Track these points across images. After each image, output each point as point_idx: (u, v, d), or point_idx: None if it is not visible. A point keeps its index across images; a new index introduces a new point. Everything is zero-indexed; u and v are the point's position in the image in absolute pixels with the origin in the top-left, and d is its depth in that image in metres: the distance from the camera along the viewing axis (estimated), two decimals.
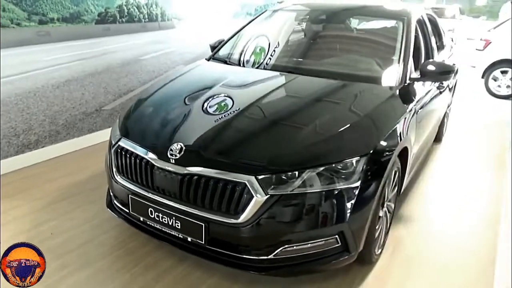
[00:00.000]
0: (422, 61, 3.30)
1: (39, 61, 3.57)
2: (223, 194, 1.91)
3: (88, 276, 2.26)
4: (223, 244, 2.00)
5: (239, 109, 2.29)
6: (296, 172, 1.90)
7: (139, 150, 2.16)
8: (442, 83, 3.43)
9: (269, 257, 1.96)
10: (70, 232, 2.67)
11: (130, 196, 2.20)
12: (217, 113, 2.30)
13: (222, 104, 2.40)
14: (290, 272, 2.06)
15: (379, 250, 2.45)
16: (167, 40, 4.84)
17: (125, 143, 2.26)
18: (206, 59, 3.26)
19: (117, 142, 2.31)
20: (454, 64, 2.84)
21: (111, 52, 4.17)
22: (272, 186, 1.88)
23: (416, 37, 3.48)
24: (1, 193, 3.09)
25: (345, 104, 2.35)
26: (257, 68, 2.95)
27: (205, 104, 2.39)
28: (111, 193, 2.47)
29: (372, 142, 2.08)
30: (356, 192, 1.96)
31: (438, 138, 4.54)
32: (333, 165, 1.94)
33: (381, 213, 2.31)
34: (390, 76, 2.66)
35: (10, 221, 2.75)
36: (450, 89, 4.20)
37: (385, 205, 2.36)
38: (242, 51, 3.18)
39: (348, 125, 2.13)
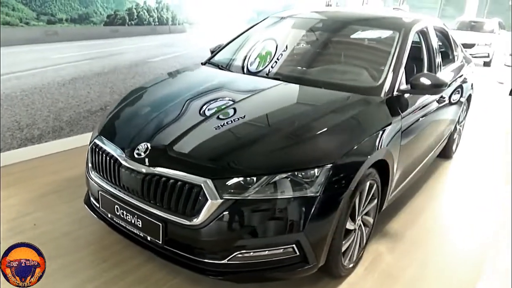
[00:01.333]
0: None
1: (46, 58, 3.71)
2: (180, 195, 1.91)
3: (58, 267, 2.31)
4: (180, 246, 1.99)
5: (209, 113, 2.30)
6: (254, 178, 1.88)
7: (110, 148, 2.20)
8: (443, 98, 3.30)
9: (224, 261, 1.93)
10: (52, 224, 2.75)
11: (100, 192, 2.25)
12: (188, 116, 2.31)
13: (195, 108, 2.41)
14: (246, 278, 2.03)
15: (351, 264, 2.38)
16: (177, 43, 4.92)
17: (99, 141, 2.31)
18: (202, 63, 3.30)
19: (93, 140, 2.37)
20: (464, 77, 2.62)
21: (119, 53, 4.29)
22: (228, 190, 1.87)
23: (416, 48, 3.39)
24: (1, 184, 3.22)
25: (320, 113, 2.30)
26: (245, 74, 2.95)
27: (180, 107, 2.42)
28: (88, 190, 2.53)
29: (337, 152, 2.03)
30: (316, 202, 1.91)
31: (446, 155, 4.39)
32: (293, 173, 1.91)
33: (351, 226, 2.24)
34: (377, 87, 2.59)
35: None
36: (459, 104, 4.04)
37: (357, 218, 2.29)
38: (234, 57, 3.19)
39: (315, 133, 2.09)
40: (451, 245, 2.84)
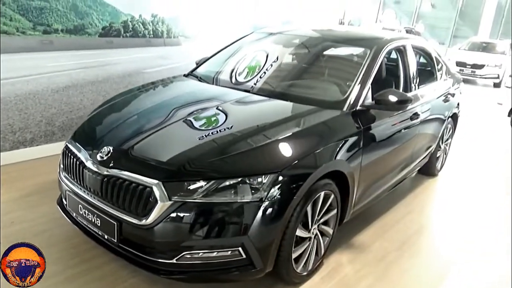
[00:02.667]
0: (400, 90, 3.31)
1: (41, 66, 3.91)
2: (134, 196, 2.03)
3: None
4: (133, 245, 2.10)
5: (172, 120, 2.43)
6: (202, 182, 1.99)
7: (78, 151, 2.35)
8: (417, 114, 3.37)
9: (172, 261, 2.03)
10: (29, 223, 2.89)
11: (67, 192, 2.39)
12: (152, 122, 2.44)
13: (160, 114, 2.54)
14: (195, 278, 2.13)
15: (305, 272, 2.44)
16: (172, 56, 5.10)
17: (71, 144, 2.46)
18: (184, 74, 3.45)
19: (66, 143, 2.52)
20: (447, 96, 2.61)
21: (113, 64, 4.47)
22: (178, 193, 1.98)
23: (395, 66, 3.49)
24: None
25: (276, 123, 2.40)
26: (218, 85, 3.08)
27: (147, 114, 2.57)
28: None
29: (286, 161, 2.13)
30: (261, 208, 2.00)
31: (430, 173, 4.43)
32: (242, 179, 2.01)
33: (304, 234, 2.32)
34: (340, 101, 2.69)
35: None
36: (441, 122, 4.09)
37: (312, 227, 2.37)
38: (211, 70, 3.34)
39: (266, 142, 2.19)
40: (413, 258, 2.88)
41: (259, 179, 2.03)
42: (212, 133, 2.31)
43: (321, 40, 3.37)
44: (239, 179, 2.02)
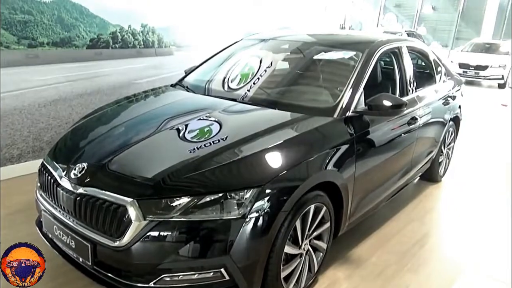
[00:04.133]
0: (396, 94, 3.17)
1: (27, 80, 3.82)
2: (108, 215, 1.90)
3: (3, 284, 2.31)
4: (108, 268, 1.96)
5: (148, 133, 2.29)
6: (180, 198, 1.86)
7: (53, 168, 2.23)
8: (415, 119, 3.22)
9: (150, 284, 1.89)
10: (10, 242, 2.76)
11: (43, 212, 2.26)
12: (129, 136, 2.31)
13: (139, 128, 2.42)
14: None
15: None
16: (164, 66, 5.00)
17: (46, 162, 2.34)
18: (171, 84, 3.33)
19: (42, 160, 2.40)
20: (447, 98, 2.46)
21: (102, 75, 4.38)
22: (153, 211, 1.85)
23: (385, 70, 3.36)
24: None
25: (261, 134, 2.25)
26: (205, 95, 2.95)
27: (126, 128, 2.44)
28: None
29: (269, 173, 1.99)
30: (243, 225, 1.86)
31: (432, 179, 4.27)
32: (220, 194, 1.88)
33: (294, 251, 2.17)
34: (330, 108, 2.55)
35: None
36: (441, 126, 3.94)
37: (303, 242, 2.22)
38: (199, 79, 3.22)
39: (248, 155, 2.06)
40: (413, 273, 2.71)
41: (242, 194, 1.89)
42: (195, 146, 2.17)
43: (312, 45, 3.24)
44: (220, 195, 1.88)
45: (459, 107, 4.43)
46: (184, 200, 1.85)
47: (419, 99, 3.39)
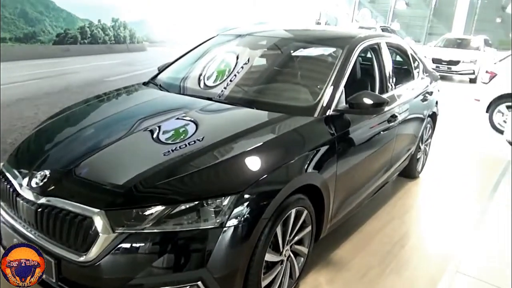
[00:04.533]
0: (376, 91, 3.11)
1: None
2: (72, 228, 1.74)
3: None
4: (74, 285, 1.81)
5: (118, 136, 2.14)
6: (152, 208, 1.72)
7: (12, 176, 2.05)
8: (395, 116, 3.17)
9: None
10: None
11: (2, 223, 2.08)
12: (97, 140, 2.15)
13: (107, 131, 2.26)
14: None
15: None
16: (137, 62, 4.81)
17: (5, 168, 2.15)
18: (143, 83, 3.16)
19: (1, 168, 2.21)
20: (426, 95, 2.42)
21: (71, 73, 4.16)
22: (123, 222, 1.71)
23: (364, 66, 3.29)
24: None
25: (238, 136, 2.12)
26: (180, 94, 2.80)
27: (94, 130, 2.28)
28: None
29: (248, 179, 1.87)
30: (221, 235, 1.74)
31: (410, 175, 4.26)
32: (196, 202, 1.75)
33: (275, 258, 2.07)
34: (310, 107, 2.46)
35: None
36: (420, 122, 3.91)
37: (284, 249, 2.12)
38: (173, 76, 3.07)
39: (224, 159, 1.94)
40: (396, 273, 2.66)
41: (219, 201, 1.77)
42: (169, 149, 2.03)
43: (291, 41, 3.13)
44: (196, 203, 1.75)
45: (436, 103, 4.43)
46: (157, 209, 1.72)
47: (399, 96, 3.34)
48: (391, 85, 3.30)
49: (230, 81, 2.80)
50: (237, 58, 3.02)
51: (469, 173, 4.80)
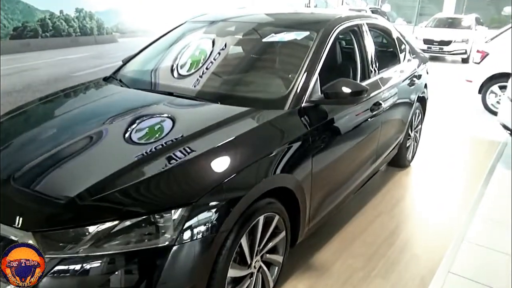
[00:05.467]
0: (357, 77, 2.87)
1: None
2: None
3: None
4: None
5: (57, 142, 1.88)
6: (89, 227, 1.48)
7: None
8: (379, 104, 2.92)
9: None
10: None
11: None
12: (40, 147, 1.88)
13: (53, 135, 2.00)
14: None
15: None
16: (107, 55, 4.52)
17: None
18: (103, 78, 2.89)
19: None
20: (413, 79, 2.16)
21: (33, 69, 3.88)
22: (56, 245, 1.46)
23: (345, 51, 3.04)
24: None
25: (196, 135, 1.88)
26: (138, 89, 2.52)
27: (39, 136, 2.02)
28: None
29: (204, 186, 1.63)
30: (172, 254, 1.51)
31: (400, 164, 4.04)
32: (141, 218, 1.51)
33: (242, 273, 1.85)
34: (280, 99, 2.21)
35: None
36: (408, 108, 3.68)
37: (253, 260, 1.89)
38: (132, 70, 2.81)
39: (178, 163, 1.69)
40: (381, 278, 2.44)
41: (168, 216, 1.53)
42: (114, 156, 1.78)
43: (262, 26, 2.85)
44: (142, 218, 1.51)
45: (425, 86, 4.19)
46: (96, 228, 1.48)
47: (383, 81, 3.10)
48: (374, 70, 3.05)
49: (194, 73, 2.54)
50: (203, 47, 2.75)
51: (462, 158, 4.57)
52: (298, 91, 2.22)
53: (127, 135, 1.92)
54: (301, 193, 2.11)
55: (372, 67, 3.03)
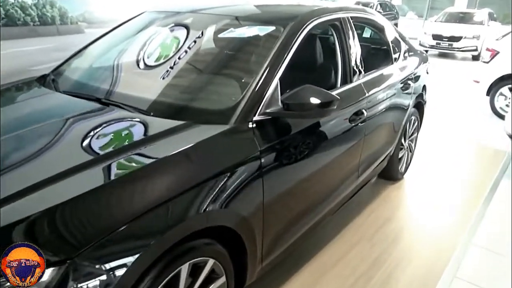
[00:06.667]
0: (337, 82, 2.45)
1: None
2: None
3: None
4: None
5: None
6: None
7: None
8: (361, 113, 2.48)
9: None
10: None
11: None
12: None
13: None
14: None
15: None
16: (72, 46, 4.04)
17: None
18: (36, 79, 2.48)
19: None
20: (408, 81, 1.78)
21: None
22: None
23: (324, 49, 2.61)
24: None
25: (97, 161, 1.44)
26: (67, 94, 2.10)
27: None
28: None
29: (89, 235, 1.21)
30: None
31: (391, 177, 3.60)
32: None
33: None
34: (225, 110, 1.77)
35: None
36: (401, 115, 3.24)
37: None
38: (63, 70, 2.41)
39: (55, 205, 1.26)
40: None
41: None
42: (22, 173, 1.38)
43: (220, 19, 2.41)
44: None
45: (423, 88, 3.73)
46: None
47: (368, 86, 2.65)
48: (359, 72, 2.61)
49: (127, 76, 2.11)
50: (145, 44, 2.32)
51: (463, 169, 4.10)
52: (249, 100, 1.79)
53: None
54: (247, 230, 1.69)
55: (356, 69, 2.59)
